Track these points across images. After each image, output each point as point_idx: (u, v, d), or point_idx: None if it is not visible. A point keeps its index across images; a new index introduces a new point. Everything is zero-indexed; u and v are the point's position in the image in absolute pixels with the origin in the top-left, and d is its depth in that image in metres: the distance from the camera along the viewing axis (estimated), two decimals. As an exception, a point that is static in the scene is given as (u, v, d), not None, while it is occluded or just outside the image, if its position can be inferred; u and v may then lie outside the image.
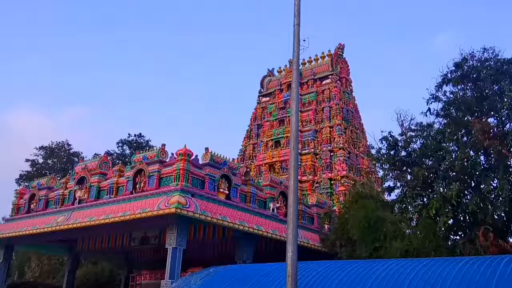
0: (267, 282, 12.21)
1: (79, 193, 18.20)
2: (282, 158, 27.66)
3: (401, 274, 10.34)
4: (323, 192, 25.05)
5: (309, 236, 19.58)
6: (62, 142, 44.85)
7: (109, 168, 18.55)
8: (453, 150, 16.45)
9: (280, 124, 29.98)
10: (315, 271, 12.12)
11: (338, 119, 27.66)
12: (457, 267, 9.92)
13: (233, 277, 13.37)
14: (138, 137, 43.73)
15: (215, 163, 16.56)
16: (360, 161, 27.57)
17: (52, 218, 17.96)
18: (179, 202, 13.87)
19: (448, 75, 17.52)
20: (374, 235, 16.56)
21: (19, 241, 20.74)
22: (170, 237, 14.57)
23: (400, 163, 17.48)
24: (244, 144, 31.16)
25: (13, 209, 21.43)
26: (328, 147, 26.98)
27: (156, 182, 15.80)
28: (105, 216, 15.58)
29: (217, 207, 15.65)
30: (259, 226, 16.73)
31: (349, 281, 10.80)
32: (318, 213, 21.45)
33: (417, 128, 17.85)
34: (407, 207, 17.18)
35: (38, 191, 20.24)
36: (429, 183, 16.28)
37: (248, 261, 16.67)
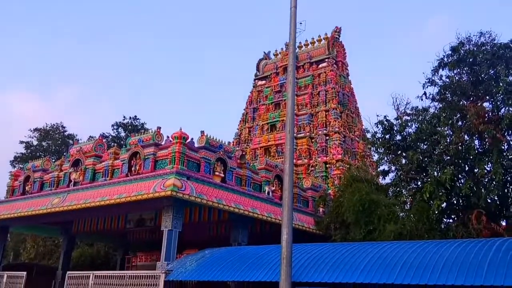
0: (262, 264, 12.34)
1: (74, 175, 18.18)
2: (277, 142, 27.69)
3: (395, 255, 10.48)
4: (318, 176, 25.17)
5: (304, 219, 19.73)
6: (57, 124, 44.67)
7: (104, 151, 18.50)
8: (448, 135, 16.53)
9: (276, 107, 29.93)
10: (309, 253, 12.26)
11: (334, 103, 27.64)
12: (450, 249, 10.06)
13: (228, 259, 13.50)
14: (133, 119, 43.59)
15: (210, 146, 16.56)
16: (356, 145, 27.65)
17: (47, 200, 17.96)
18: (175, 185, 13.90)
19: (444, 59, 17.49)
20: (368, 218, 16.71)
21: (14, 222, 20.77)
22: (165, 219, 14.63)
23: (395, 147, 17.56)
24: (239, 127, 31.12)
25: (7, 191, 21.41)
26: (324, 131, 27.01)
27: (151, 165, 15.79)
28: (101, 199, 15.60)
29: (212, 190, 15.70)
30: (254, 209, 16.82)
31: (343, 262, 10.93)
32: (313, 197, 21.59)
33: (412, 112, 17.89)
34: (401, 191, 17.31)
35: (33, 173, 20.21)
36: (423, 167, 16.39)
37: (243, 243, 16.81)
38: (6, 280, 18.23)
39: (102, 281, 14.97)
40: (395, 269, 9.87)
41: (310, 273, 11.16)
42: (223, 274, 12.68)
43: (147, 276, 13.87)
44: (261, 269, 12.08)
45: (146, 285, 13.65)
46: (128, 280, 14.27)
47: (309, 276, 11.09)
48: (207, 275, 12.88)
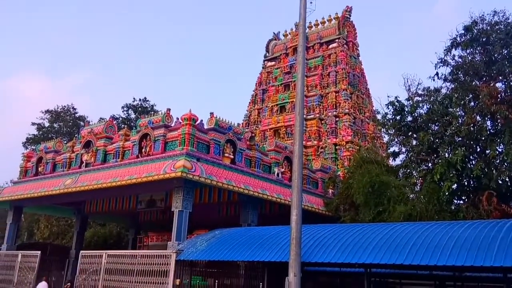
0: (272, 244, 12.45)
1: (86, 156, 18.36)
2: (287, 123, 27.62)
3: (405, 236, 10.50)
4: (328, 157, 25.13)
5: (313, 200, 19.79)
6: (68, 106, 44.95)
7: (115, 132, 18.62)
8: (460, 115, 16.37)
9: (285, 89, 29.76)
10: (319, 234, 12.33)
11: (344, 84, 27.40)
12: (460, 230, 10.04)
13: (238, 239, 13.63)
14: (143, 101, 43.67)
15: (220, 128, 16.57)
16: (366, 126, 27.49)
17: (60, 181, 18.21)
18: (185, 166, 13.98)
19: (457, 38, 17.23)
20: (378, 200, 16.71)
21: (27, 203, 21.10)
22: (176, 200, 14.77)
23: (406, 128, 17.45)
24: (249, 109, 31.06)
25: (20, 172, 21.71)
26: (334, 112, 26.86)
27: (161, 147, 15.88)
28: (112, 180, 15.77)
29: (222, 171, 15.78)
30: (263, 190, 16.89)
31: (352, 243, 10.98)
32: (322, 178, 21.61)
33: (424, 93, 17.71)
34: (412, 172, 17.26)
35: (45, 154, 20.44)
36: (434, 148, 16.29)
37: (253, 224, 16.94)
38: (21, 259, 18.63)
39: (114, 260, 15.23)
40: (404, 249, 9.90)
41: (319, 254, 11.24)
42: (233, 254, 12.82)
43: (159, 256, 14.08)
44: (271, 249, 12.19)
45: (157, 264, 13.86)
46: (140, 259, 14.49)
47: (319, 256, 11.17)
48: (217, 255, 13.03)
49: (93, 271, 15.58)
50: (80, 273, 16.05)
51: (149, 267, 14.03)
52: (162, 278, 13.56)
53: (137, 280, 14.13)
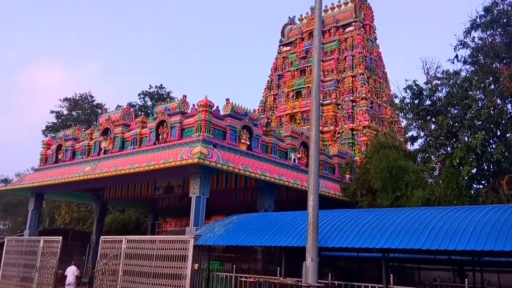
0: (289, 229, 12.49)
1: (104, 143, 18.58)
2: (303, 109, 27.46)
3: (423, 221, 10.42)
4: (345, 143, 24.97)
5: (330, 185, 19.75)
6: (85, 93, 45.48)
7: (132, 119, 18.78)
8: (480, 99, 16.08)
9: (301, 74, 29.53)
10: (336, 219, 12.32)
11: (361, 68, 27.06)
12: (479, 215, 9.93)
13: (255, 224, 13.71)
14: (159, 88, 43.91)
15: (236, 114, 16.57)
16: (383, 111, 27.18)
17: (80, 168, 18.50)
18: (202, 152, 14.05)
19: (477, 20, 16.83)
20: (396, 185, 16.58)
21: (48, 189, 21.52)
22: (193, 186, 14.89)
23: (424, 112, 17.21)
24: (264, 95, 30.93)
25: (41, 159, 22.11)
26: (350, 97, 26.59)
27: (178, 133, 15.97)
28: (130, 166, 15.96)
29: (238, 157, 15.82)
30: (280, 176, 16.91)
31: (370, 228, 10.94)
32: (339, 163, 21.51)
33: (443, 76, 17.42)
34: (430, 157, 17.06)
35: (65, 142, 20.75)
36: (453, 132, 16.05)
37: (270, 209, 17.00)
38: (43, 244, 19.06)
39: (134, 245, 15.49)
40: (423, 234, 9.83)
41: (336, 238, 11.25)
42: (251, 239, 12.91)
43: (177, 241, 14.26)
44: (288, 234, 12.24)
45: (176, 249, 14.05)
46: (159, 244, 14.71)
47: (336, 241, 11.18)
48: (235, 240, 13.14)
49: (113, 255, 15.88)
50: (101, 257, 16.38)
51: (167, 252, 14.24)
52: (181, 263, 13.76)
53: (156, 265, 14.36)
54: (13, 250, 20.87)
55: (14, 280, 19.89)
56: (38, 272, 18.76)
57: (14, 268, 20.14)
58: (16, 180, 23.81)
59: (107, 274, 15.82)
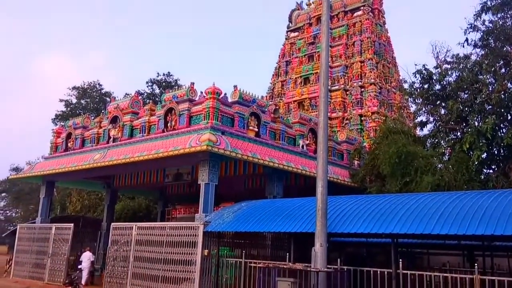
0: (298, 215, 12.53)
1: (113, 131, 18.68)
2: (311, 95, 27.33)
3: (433, 206, 10.39)
4: (353, 129, 24.86)
5: (338, 172, 19.72)
6: (94, 82, 45.64)
7: (140, 107, 18.83)
8: (490, 83, 15.90)
9: (309, 60, 29.32)
10: (345, 205, 12.33)
11: (369, 53, 26.80)
12: (489, 199, 9.87)
13: (264, 211, 13.76)
14: (167, 76, 43.91)
15: (244, 101, 16.54)
16: (392, 96, 26.96)
17: (89, 156, 18.64)
18: (210, 139, 14.08)
19: (487, 2, 16.56)
20: (405, 170, 16.50)
21: (58, 177, 21.74)
22: (202, 173, 14.95)
23: (434, 97, 17.07)
24: (272, 81, 30.79)
25: (51, 148, 22.29)
26: (359, 83, 26.40)
27: (186, 121, 15.99)
28: (139, 154, 16.04)
29: (247, 144, 15.83)
30: (288, 162, 16.91)
31: (379, 213, 10.94)
32: (347, 150, 21.45)
33: (453, 60, 17.23)
34: (440, 142, 16.96)
35: (74, 130, 20.89)
36: (463, 117, 15.92)
37: (279, 196, 17.04)
38: (54, 231, 19.34)
39: (144, 231, 15.66)
40: (432, 219, 9.80)
41: (345, 224, 11.26)
42: (260, 225, 12.97)
43: (187, 227, 14.38)
44: (297, 220, 12.28)
45: (186, 236, 14.18)
46: (169, 231, 14.85)
47: (345, 227, 11.20)
48: (244, 226, 13.22)
49: (124, 242, 16.07)
50: (112, 244, 16.59)
51: (177, 238, 14.38)
52: (191, 249, 13.89)
53: (166, 251, 14.52)
54: (25, 237, 21.19)
55: (27, 267, 20.24)
56: (51, 258, 19.06)
57: (27, 255, 20.48)
58: (27, 169, 24.08)
59: (118, 260, 16.04)
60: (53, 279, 18.57)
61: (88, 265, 18.33)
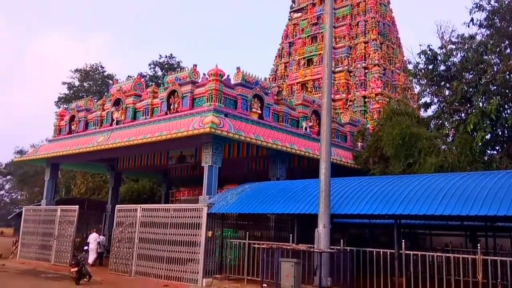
0: (301, 197, 12.59)
1: (116, 114, 18.67)
2: (314, 77, 27.15)
3: (436, 187, 10.40)
4: (357, 110, 24.75)
5: (342, 153, 19.72)
6: (96, 64, 45.44)
7: (143, 90, 18.77)
8: (495, 63, 15.75)
9: (312, 41, 29.04)
10: (348, 186, 12.36)
11: (373, 34, 26.50)
12: (493, 180, 9.88)
13: (267, 192, 13.83)
14: (169, 58, 43.65)
15: (247, 83, 16.46)
16: (396, 77, 26.76)
17: (93, 138, 18.68)
18: (213, 122, 14.06)
19: (494, -19, 16.27)
20: (408, 152, 16.48)
21: (63, 160, 21.82)
22: (205, 155, 14.98)
23: (439, 78, 16.94)
24: (275, 63, 30.57)
25: (55, 130, 22.33)
26: (363, 64, 26.18)
27: (189, 103, 15.96)
28: (143, 136, 16.06)
29: (250, 126, 15.81)
30: (292, 144, 16.91)
31: (382, 194, 10.97)
32: (351, 131, 21.41)
33: (458, 40, 17.04)
34: (444, 123, 16.89)
35: (77, 113, 20.89)
36: (468, 98, 15.82)
37: (282, 178, 17.08)
38: (60, 213, 19.52)
39: (149, 213, 15.79)
40: (436, 200, 9.83)
41: (348, 205, 11.31)
42: (263, 207, 13.06)
43: (191, 209, 14.49)
44: (300, 202, 12.34)
45: (190, 218, 14.30)
46: (173, 212, 14.97)
47: (348, 208, 11.25)
48: (247, 208, 13.30)
49: (129, 224, 16.23)
50: (117, 226, 16.76)
51: (182, 220, 14.50)
52: (195, 230, 14.03)
53: (171, 233, 14.66)
54: (31, 219, 21.42)
55: (34, 248, 20.50)
56: (57, 240, 19.29)
57: (33, 237, 20.72)
58: (32, 151, 24.18)
59: (124, 241, 16.22)
60: (59, 260, 18.82)
61: (95, 246, 18.65)
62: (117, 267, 16.20)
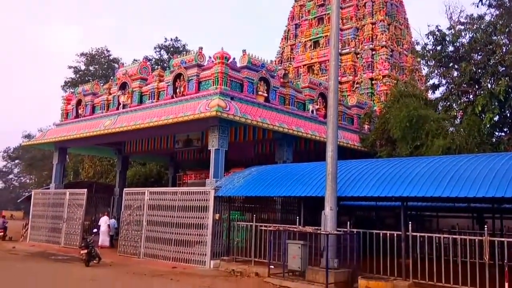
0: (308, 180, 12.60)
1: (123, 98, 18.69)
2: (321, 59, 26.93)
3: (443, 169, 10.36)
4: (364, 93, 24.58)
5: (348, 136, 19.67)
6: (101, 48, 45.36)
7: (149, 73, 18.74)
8: (504, 44, 15.54)
9: (319, 22, 28.72)
10: (355, 169, 12.35)
11: (381, 15, 26.14)
12: (501, 162, 9.82)
13: (274, 175, 13.86)
14: (174, 41, 43.41)
15: (253, 66, 16.37)
16: (404, 59, 26.46)
17: (100, 122, 18.75)
18: (219, 105, 14.04)
19: (505, -41, 15.94)
20: (416, 134, 16.40)
21: (70, 144, 21.94)
22: (212, 139, 15.01)
23: (447, 59, 16.76)
24: (281, 45, 30.30)
25: (62, 114, 22.42)
26: (370, 46, 25.89)
27: (195, 86, 15.92)
28: (149, 120, 16.09)
29: (256, 109, 15.78)
30: (298, 127, 16.88)
31: (389, 177, 10.95)
32: (358, 114, 21.31)
33: (466, 21, 16.80)
34: (452, 105, 16.76)
35: (84, 97, 20.93)
36: (476, 79, 15.65)
37: (288, 161, 17.10)
38: (69, 196, 19.73)
39: (156, 196, 15.92)
40: (443, 182, 9.80)
41: (355, 188, 11.32)
42: (270, 190, 13.10)
43: (198, 192, 14.58)
44: (307, 184, 12.37)
45: (197, 201, 14.40)
46: (180, 196, 15.07)
47: (354, 191, 11.26)
48: (254, 191, 13.36)
49: (137, 207, 16.38)
50: (125, 209, 16.92)
51: (189, 203, 14.61)
52: (202, 213, 14.13)
53: (178, 215, 14.79)
54: (40, 202, 21.67)
55: (43, 231, 20.78)
56: (66, 223, 19.53)
57: (43, 220, 20.99)
58: (39, 135, 24.32)
59: (132, 224, 16.40)
60: (69, 242, 19.09)
61: (105, 228, 18.98)
62: (126, 249, 16.41)
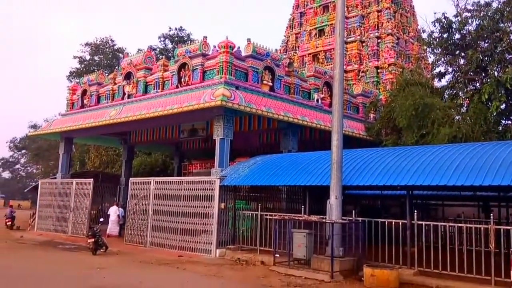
0: (313, 169, 12.61)
1: (128, 88, 18.70)
2: (326, 48, 26.75)
3: (449, 158, 10.33)
4: (369, 81, 24.44)
5: (354, 125, 19.60)
6: (106, 38, 45.35)
7: (154, 63, 18.71)
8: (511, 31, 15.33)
9: (324, 10, 28.48)
10: (360, 158, 12.33)
11: (387, 2, 25.86)
12: (507, 151, 9.76)
13: (279, 165, 13.88)
14: (179, 30, 43.30)
15: (257, 55, 16.29)
16: (410, 47, 26.24)
17: (105, 112, 18.79)
18: (224, 94, 14.02)
19: None
20: (421, 122, 16.30)
21: (76, 134, 22.04)
22: (217, 128, 15.01)
23: (453, 47, 16.61)
24: (286, 34, 30.11)
25: (67, 104, 22.49)
26: (375, 34, 25.67)
27: (200, 76, 15.89)
28: (154, 110, 16.11)
29: (261, 99, 15.74)
30: (303, 116, 16.83)
31: (395, 165, 10.93)
32: (363, 103, 21.21)
33: (473, 8, 16.62)
34: (458, 93, 16.64)
35: (89, 87, 20.97)
36: (483, 67, 15.51)
37: (293, 150, 17.09)
38: (75, 186, 19.86)
39: (162, 186, 15.99)
40: (448, 171, 9.77)
41: (360, 177, 11.31)
42: (275, 179, 13.12)
43: (204, 182, 14.63)
44: (312, 173, 12.37)
45: (203, 190, 14.45)
46: (186, 185, 15.13)
47: (360, 180, 11.25)
48: (259, 180, 13.39)
49: (143, 196, 16.47)
50: (131, 198, 17.03)
51: (194, 192, 14.67)
52: (208, 202, 14.20)
53: (184, 205, 14.87)
54: (47, 192, 21.84)
55: (51, 220, 20.97)
56: (73, 212, 19.69)
57: (50, 209, 21.17)
58: (45, 126, 24.43)
59: (138, 213, 16.51)
60: (76, 231, 19.26)
61: (115, 218, 19.15)
62: (132, 238, 16.55)
